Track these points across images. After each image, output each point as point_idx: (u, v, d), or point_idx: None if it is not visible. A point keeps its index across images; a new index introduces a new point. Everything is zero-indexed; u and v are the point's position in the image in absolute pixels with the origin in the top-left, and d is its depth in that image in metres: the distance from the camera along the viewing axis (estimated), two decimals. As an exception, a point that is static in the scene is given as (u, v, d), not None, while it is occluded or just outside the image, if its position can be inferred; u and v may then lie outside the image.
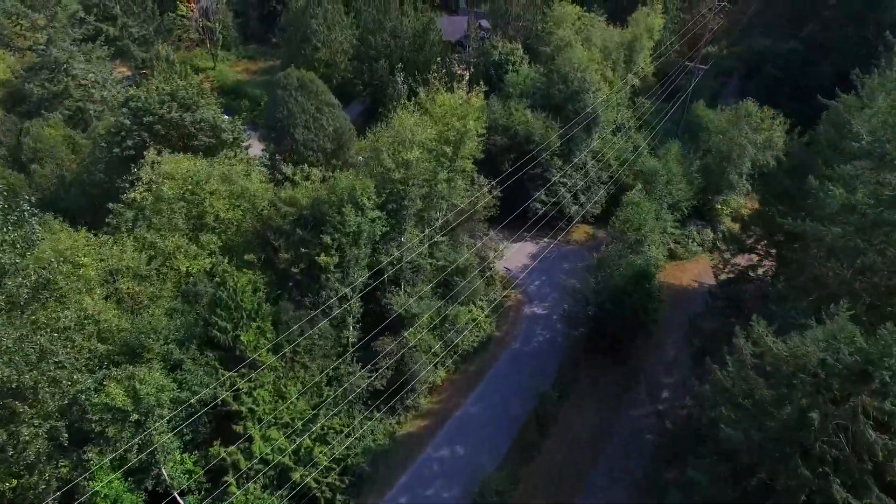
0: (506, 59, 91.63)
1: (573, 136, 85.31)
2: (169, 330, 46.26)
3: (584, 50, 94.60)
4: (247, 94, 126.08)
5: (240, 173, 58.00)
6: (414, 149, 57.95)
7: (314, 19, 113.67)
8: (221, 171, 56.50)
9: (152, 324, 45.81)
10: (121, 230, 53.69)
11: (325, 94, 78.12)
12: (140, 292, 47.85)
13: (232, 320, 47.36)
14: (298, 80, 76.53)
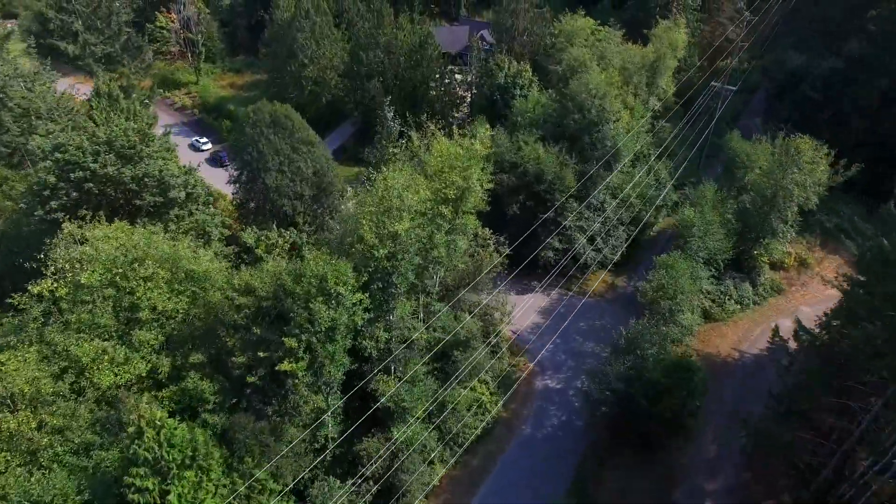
0: (513, 82, 78.23)
1: (591, 168, 72.04)
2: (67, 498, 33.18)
3: (600, 71, 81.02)
4: (230, 113, 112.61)
5: (186, 251, 44.58)
6: (404, 218, 44.80)
7: (301, 33, 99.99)
8: (161, 250, 43.15)
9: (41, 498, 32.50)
10: (27, 330, 40.61)
11: (303, 131, 64.68)
12: (37, 440, 34.84)
13: (158, 473, 34.42)
14: (271, 116, 63.08)
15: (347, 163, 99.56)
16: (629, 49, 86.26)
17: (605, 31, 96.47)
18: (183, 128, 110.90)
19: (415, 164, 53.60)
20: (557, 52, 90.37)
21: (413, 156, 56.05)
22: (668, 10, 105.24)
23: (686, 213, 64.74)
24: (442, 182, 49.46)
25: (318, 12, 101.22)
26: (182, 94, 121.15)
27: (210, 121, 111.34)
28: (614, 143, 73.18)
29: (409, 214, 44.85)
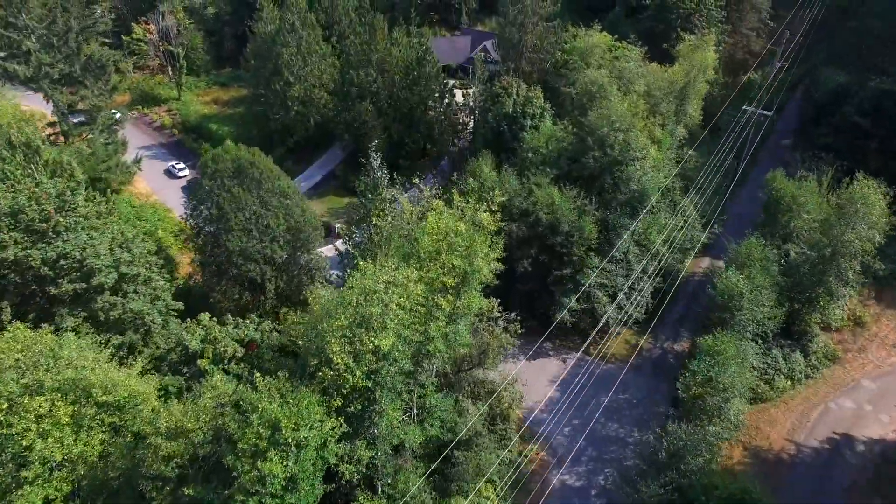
0: (522, 111, 65.95)
1: (613, 218, 59.91)
2: None
3: (622, 98, 68.71)
4: (212, 133, 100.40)
5: (100, 374, 32.46)
6: (388, 328, 32.85)
7: (285, 48, 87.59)
8: (64, 377, 31.15)
9: None
10: None
11: (275, 180, 52.43)
12: None
13: None
14: (235, 164, 50.94)
15: (337, 192, 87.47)
16: (653, 71, 73.82)
17: (624, 47, 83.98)
18: (160, 150, 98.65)
19: (404, 239, 41.50)
20: (571, 73, 78.03)
21: (399, 229, 43.87)
22: (689, 21, 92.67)
23: (731, 280, 52.48)
24: (438, 268, 37.37)
25: (304, 25, 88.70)
26: (162, 111, 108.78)
27: (190, 142, 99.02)
28: (640, 184, 60.99)
29: (395, 322, 32.81)
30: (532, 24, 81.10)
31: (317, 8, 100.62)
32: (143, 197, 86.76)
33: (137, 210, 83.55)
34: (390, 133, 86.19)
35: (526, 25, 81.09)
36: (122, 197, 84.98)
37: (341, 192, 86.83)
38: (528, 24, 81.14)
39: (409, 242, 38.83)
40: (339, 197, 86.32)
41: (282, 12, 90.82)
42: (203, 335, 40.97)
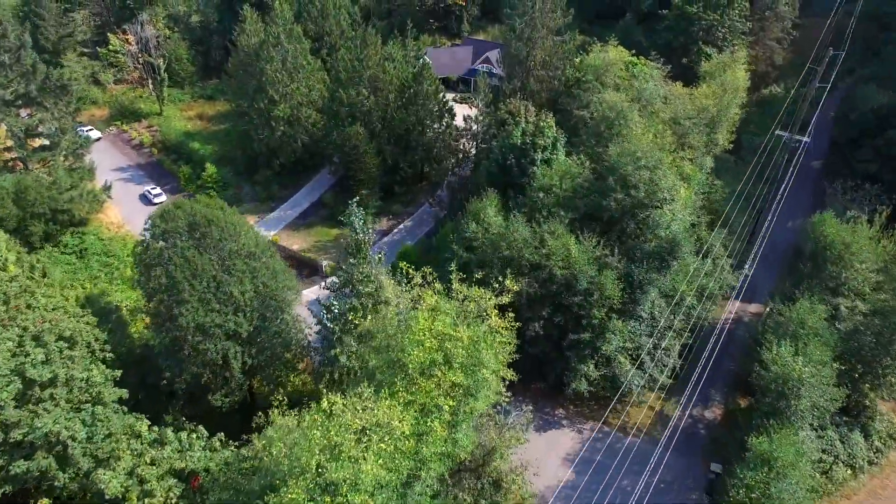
0: (532, 141, 55.91)
1: (639, 273, 49.98)
2: None
3: (645, 126, 58.79)
4: (193, 153, 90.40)
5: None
6: (362, 483, 23.20)
7: (269, 64, 77.48)
8: None
9: None
10: None
11: (239, 237, 42.52)
12: None
13: None
14: (189, 221, 41.04)
15: (326, 222, 77.36)
16: (678, 93, 63.74)
17: (643, 63, 73.84)
18: (137, 172, 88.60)
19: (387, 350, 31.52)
20: (584, 93, 67.95)
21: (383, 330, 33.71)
22: (710, 33, 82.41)
23: (785, 362, 42.41)
24: (432, 385, 27.54)
25: (290, 39, 78.47)
26: (142, 127, 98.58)
27: (169, 163, 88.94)
28: (669, 231, 51.01)
29: (371, 481, 23.07)
30: (541, 39, 70.91)
31: (305, 18, 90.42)
32: (114, 227, 76.89)
33: (106, 243, 73.80)
34: (384, 157, 76.26)
35: (534, 40, 70.88)
36: (90, 228, 75.28)
37: (330, 223, 76.79)
38: (536, 38, 70.94)
39: (393, 350, 29.09)
40: (328, 228, 76.33)
41: (266, 24, 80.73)
42: (129, 467, 31.22)
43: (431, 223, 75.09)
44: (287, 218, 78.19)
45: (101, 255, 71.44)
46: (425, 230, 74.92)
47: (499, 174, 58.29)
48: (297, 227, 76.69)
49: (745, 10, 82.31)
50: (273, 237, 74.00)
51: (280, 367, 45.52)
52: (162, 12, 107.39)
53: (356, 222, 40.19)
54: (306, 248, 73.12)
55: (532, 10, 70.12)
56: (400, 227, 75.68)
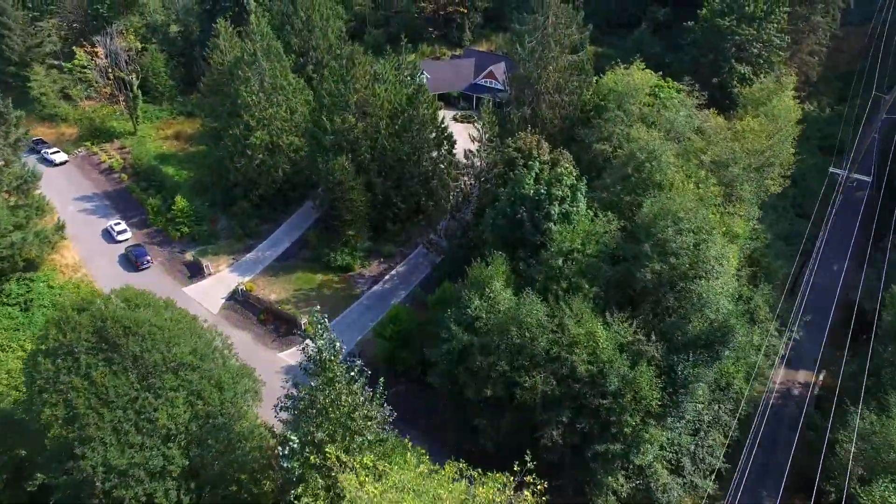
0: (547, 191, 44.47)
1: (683, 368, 38.76)
2: None
3: (683, 168, 47.45)
4: (165, 179, 79.10)
5: None
6: None
7: (244, 85, 66.03)
8: None
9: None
10: None
11: (172, 344, 31.29)
12: None
13: None
14: (97, 329, 29.88)
15: (309, 265, 65.89)
16: (717, 126, 52.18)
17: (670, 86, 62.32)
18: (103, 202, 77.29)
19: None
20: (605, 123, 56.43)
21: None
22: (744, 50, 70.57)
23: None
24: None
25: (269, 56, 66.94)
26: (114, 148, 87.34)
27: (139, 192, 77.63)
28: (718, 310, 39.64)
29: None
30: (554, 60, 59.31)
31: (289, 31, 78.78)
32: (69, 271, 65.80)
33: (56, 293, 62.78)
34: (374, 191, 64.96)
35: (547, 61, 59.28)
36: (40, 273, 64.22)
37: (313, 266, 65.53)
38: (549, 59, 59.34)
39: None
40: (311, 273, 65.06)
41: (241, 40, 69.24)
42: None
43: (428, 268, 63.84)
44: (265, 260, 66.99)
45: (50, 308, 60.35)
46: (421, 277, 63.64)
47: (507, 229, 46.93)
48: (275, 272, 65.48)
49: (783, 22, 70.45)
50: (247, 285, 62.86)
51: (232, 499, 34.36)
52: (138, 22, 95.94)
53: (319, 338, 28.68)
54: (285, 299, 61.95)
55: (544, 27, 58.50)
56: (392, 273, 64.40)
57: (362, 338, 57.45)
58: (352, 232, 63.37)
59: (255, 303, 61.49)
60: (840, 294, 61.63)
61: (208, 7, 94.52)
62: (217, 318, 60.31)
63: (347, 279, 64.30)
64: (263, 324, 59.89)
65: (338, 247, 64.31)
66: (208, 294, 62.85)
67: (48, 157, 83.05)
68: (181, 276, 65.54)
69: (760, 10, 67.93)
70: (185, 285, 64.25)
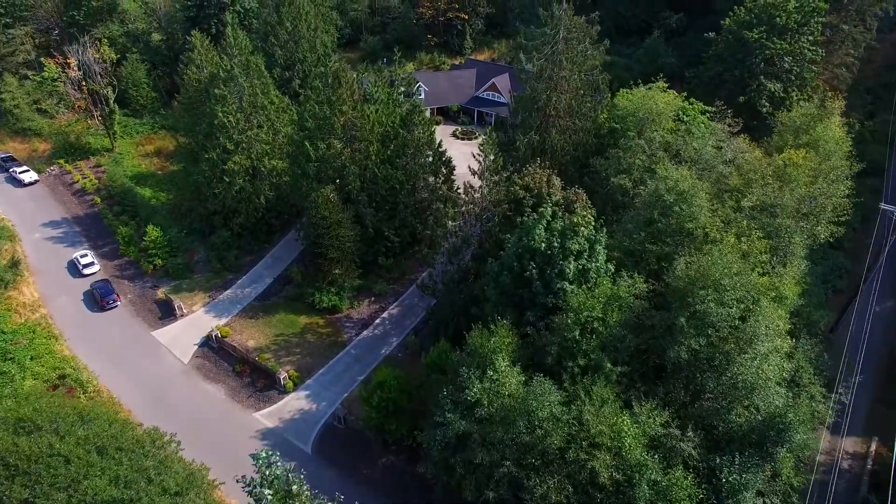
0: (560, 244, 36.74)
1: (731, 478, 31.15)
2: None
3: (718, 212, 39.71)
4: (141, 203, 71.46)
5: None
6: None
7: (221, 105, 58.30)
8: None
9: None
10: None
11: (91, 481, 23.62)
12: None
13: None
14: None
15: (293, 305, 58.30)
16: (754, 160, 44.24)
17: (694, 107, 54.44)
18: (72, 228, 69.65)
19: None
20: (625, 153, 48.54)
21: None
22: (773, 64, 62.49)
23: None
24: None
25: (249, 73, 59.13)
26: (89, 166, 79.76)
27: (111, 218, 69.94)
28: (770, 401, 31.92)
29: None
30: (565, 79, 51.39)
31: (273, 43, 70.89)
32: (26, 311, 58.18)
33: (9, 338, 55.17)
34: (363, 223, 57.30)
35: (556, 80, 51.38)
36: (-7, 314, 56.79)
37: (297, 306, 57.95)
38: (560, 79, 51.43)
39: None
40: (295, 314, 57.45)
41: (218, 53, 61.46)
42: None
43: (423, 310, 56.16)
44: (244, 299, 59.39)
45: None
46: (416, 321, 56.02)
47: (513, 286, 39.21)
48: (255, 313, 57.86)
49: (816, 33, 62.38)
50: (222, 330, 55.25)
51: None
52: (118, 30, 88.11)
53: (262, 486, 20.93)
54: (265, 346, 54.35)
55: (554, 42, 50.56)
56: (384, 317, 56.75)
57: (349, 395, 49.88)
58: (339, 271, 55.71)
59: (230, 351, 53.94)
60: (887, 341, 53.94)
61: (192, 14, 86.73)
62: (187, 369, 52.94)
63: (334, 322, 56.67)
64: (239, 376, 52.33)
65: (323, 286, 56.68)
66: (179, 340, 55.31)
67: (17, 175, 75.60)
68: (151, 317, 57.97)
69: (794, 20, 59.87)
70: (154, 328, 56.71)
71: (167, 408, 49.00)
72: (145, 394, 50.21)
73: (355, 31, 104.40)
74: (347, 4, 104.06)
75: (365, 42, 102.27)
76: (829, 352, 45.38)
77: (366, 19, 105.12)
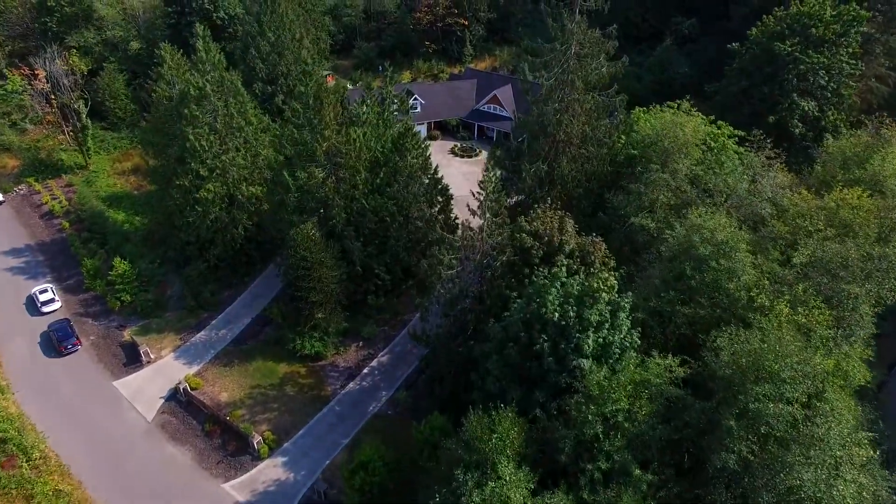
0: (576, 313, 29.90)
1: None
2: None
3: (765, 266, 32.74)
4: (112, 230, 64.56)
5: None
6: None
7: (192, 127, 51.30)
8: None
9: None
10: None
11: None
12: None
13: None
14: None
15: (271, 350, 51.12)
16: (804, 201, 37.17)
17: (725, 133, 47.34)
18: (36, 257, 62.73)
19: None
20: (648, 188, 41.53)
21: None
22: (806, 79, 55.22)
23: None
24: None
25: (223, 92, 52.10)
26: (61, 185, 72.93)
27: (79, 245, 63.13)
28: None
29: None
30: (577, 101, 44.31)
31: (254, 56, 63.74)
32: (-27, 359, 51.57)
33: (-49, 390, 48.53)
34: (350, 258, 50.41)
35: (569, 104, 44.29)
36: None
37: (276, 352, 51.03)
38: (572, 101, 44.36)
39: None
40: (274, 361, 50.50)
41: (190, 67, 54.38)
42: None
43: (416, 360, 49.25)
44: (219, 342, 52.55)
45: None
46: (408, 371, 49.13)
47: (519, 359, 32.29)
48: (230, 360, 50.98)
49: (855, 45, 55.15)
50: (192, 381, 48.41)
51: None
52: (93, 37, 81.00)
53: None
54: (239, 400, 47.47)
55: (566, 59, 43.44)
56: (372, 365, 49.86)
57: (331, 462, 43.06)
58: (322, 315, 48.81)
59: (200, 406, 47.11)
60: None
61: (173, 21, 79.65)
62: (151, 428, 46.10)
63: (317, 371, 49.82)
64: (209, 436, 45.53)
65: (305, 330, 49.79)
66: (144, 392, 48.48)
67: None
68: (115, 363, 51.16)
69: (832, 31, 52.66)
70: (117, 376, 49.89)
71: (125, 477, 42.31)
72: (101, 459, 43.40)
73: (349, 36, 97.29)
74: (341, 9, 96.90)
75: (359, 49, 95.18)
76: (884, 419, 38.56)
77: (360, 24, 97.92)
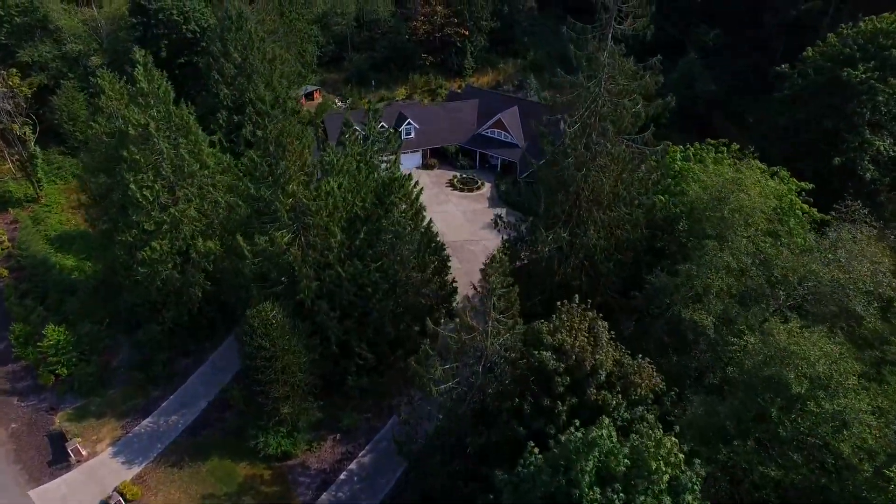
0: (617, 476, 19.50)
1: None
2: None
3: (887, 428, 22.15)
4: (58, 280, 54.10)
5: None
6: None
7: (134, 174, 40.72)
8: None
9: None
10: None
11: None
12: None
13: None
14: None
15: (229, 444, 40.76)
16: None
17: (792, 191, 36.73)
18: (-35, 314, 52.74)
19: None
20: (699, 268, 30.97)
21: None
22: (879, 111, 44.34)
23: None
24: None
25: (170, 130, 41.45)
26: (6, 222, 62.62)
27: (13, 301, 52.56)
28: None
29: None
30: (609, 154, 33.61)
31: (217, 80, 52.89)
32: None
33: None
34: (325, 335, 39.99)
35: (596, 150, 33.63)
36: None
37: (238, 448, 40.57)
38: (599, 147, 33.68)
39: None
40: (233, 460, 40.14)
41: (129, 100, 43.50)
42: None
43: (403, 464, 38.82)
44: (168, 433, 42.13)
45: None
46: (393, 479, 38.65)
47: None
48: (180, 457, 40.58)
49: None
50: (129, 489, 38.09)
51: None
52: (50, 52, 70.19)
53: None
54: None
55: (593, 100, 32.72)
56: (351, 469, 39.39)
57: None
58: (288, 410, 38.42)
59: (135, 526, 36.89)
60: None
61: (139, 34, 68.78)
62: (72, 558, 35.91)
63: (284, 475, 39.51)
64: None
65: (270, 425, 39.42)
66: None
67: None
68: (36, 462, 40.90)
69: (915, 55, 41.84)
70: (36, 482, 39.62)
71: None
72: None
73: (340, 47, 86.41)
74: (331, 17, 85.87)
75: (350, 61, 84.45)
76: None
77: (352, 33, 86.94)
